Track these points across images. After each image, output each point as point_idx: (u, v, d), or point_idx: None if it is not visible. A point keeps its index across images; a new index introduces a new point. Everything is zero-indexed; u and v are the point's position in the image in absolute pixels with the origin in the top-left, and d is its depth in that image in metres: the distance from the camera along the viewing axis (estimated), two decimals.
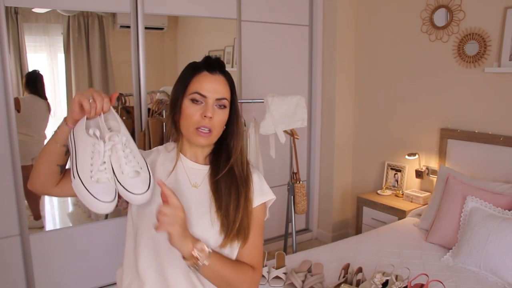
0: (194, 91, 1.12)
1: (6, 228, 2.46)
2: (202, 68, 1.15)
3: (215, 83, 1.14)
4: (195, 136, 1.14)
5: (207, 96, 1.12)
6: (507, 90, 2.60)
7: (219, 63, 1.17)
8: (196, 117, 1.12)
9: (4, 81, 2.33)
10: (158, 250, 1.13)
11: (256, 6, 3.21)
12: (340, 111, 3.57)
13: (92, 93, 1.02)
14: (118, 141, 1.02)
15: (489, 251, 2.06)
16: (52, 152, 1.08)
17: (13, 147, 2.39)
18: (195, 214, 1.14)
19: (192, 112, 1.12)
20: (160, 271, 1.13)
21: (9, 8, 2.36)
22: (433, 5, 2.92)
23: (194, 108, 1.12)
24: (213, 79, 1.14)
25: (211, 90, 1.13)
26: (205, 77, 1.14)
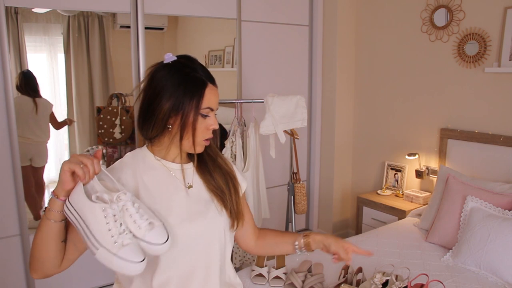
0: (207, 107, 1.14)
1: (6, 228, 2.46)
2: (206, 82, 1.15)
3: (217, 96, 1.18)
4: (200, 147, 1.18)
5: (214, 109, 1.16)
6: (507, 90, 2.60)
7: (207, 71, 1.19)
8: (205, 130, 1.16)
9: (4, 81, 2.33)
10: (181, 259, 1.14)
11: (256, 6, 3.21)
12: (340, 111, 3.57)
13: (80, 158, 0.98)
14: (127, 199, 1.00)
15: (489, 251, 2.06)
16: (52, 233, 1.02)
17: (13, 147, 2.39)
18: (203, 209, 1.18)
19: (205, 126, 1.15)
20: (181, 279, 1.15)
21: (9, 8, 2.36)
22: (433, 5, 2.92)
23: (205, 122, 1.15)
24: (215, 92, 1.17)
25: (216, 103, 1.17)
26: (212, 90, 1.15)
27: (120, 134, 2.77)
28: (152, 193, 1.13)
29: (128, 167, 1.16)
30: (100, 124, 2.76)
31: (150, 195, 1.13)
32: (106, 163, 2.90)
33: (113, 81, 2.94)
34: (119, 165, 1.17)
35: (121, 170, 1.15)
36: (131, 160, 1.18)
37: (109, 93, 2.92)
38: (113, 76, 2.93)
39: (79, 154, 1.00)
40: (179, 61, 1.15)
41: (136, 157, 1.19)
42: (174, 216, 1.13)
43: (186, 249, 1.13)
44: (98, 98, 2.92)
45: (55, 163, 2.89)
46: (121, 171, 1.14)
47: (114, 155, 2.89)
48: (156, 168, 1.17)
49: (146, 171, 1.16)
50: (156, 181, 1.15)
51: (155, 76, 1.14)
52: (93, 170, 0.99)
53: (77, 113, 2.88)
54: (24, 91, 2.54)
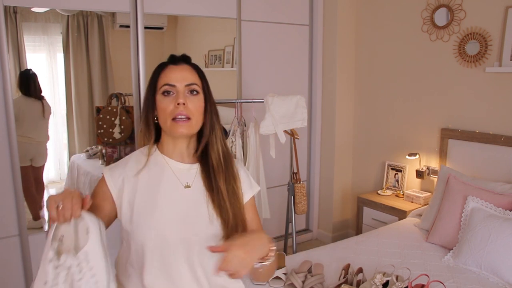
0: (163, 84, 1.14)
1: (5, 229, 2.45)
2: (167, 63, 1.18)
3: (182, 72, 1.16)
4: (175, 127, 1.13)
5: (175, 84, 1.14)
6: (508, 89, 2.59)
7: (183, 56, 1.21)
8: (170, 107, 1.13)
9: (3, 81, 2.32)
10: (165, 258, 1.15)
11: (256, 6, 3.20)
12: (340, 111, 3.56)
13: (63, 198, 0.96)
14: (73, 265, 0.97)
15: (490, 252, 2.06)
16: None
17: (12, 147, 2.39)
18: (193, 213, 1.17)
19: (166, 104, 1.13)
20: (168, 278, 1.15)
21: (8, 8, 2.35)
22: (434, 5, 2.92)
23: (167, 100, 1.14)
24: (179, 69, 1.16)
25: (178, 78, 1.15)
26: (171, 69, 1.16)
27: (119, 134, 2.77)
28: (148, 189, 1.17)
29: (133, 161, 1.21)
30: (100, 124, 2.75)
31: (146, 191, 1.17)
32: (106, 163, 2.89)
33: (113, 81, 2.93)
34: (124, 161, 1.23)
35: (123, 166, 1.20)
36: (139, 154, 1.23)
37: (108, 93, 2.91)
38: (113, 76, 2.93)
39: (68, 194, 0.97)
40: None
41: (144, 152, 1.23)
42: (159, 214, 1.15)
43: (169, 249, 1.14)
44: (98, 98, 2.91)
45: (54, 163, 2.88)
46: (124, 167, 1.20)
47: (114, 155, 2.88)
48: (159, 165, 1.20)
49: (149, 167, 1.19)
50: (155, 178, 1.18)
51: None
52: (69, 215, 0.96)
53: (77, 113, 2.88)
54: (30, 93, 2.56)
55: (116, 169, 1.20)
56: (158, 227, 1.14)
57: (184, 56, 1.22)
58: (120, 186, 1.17)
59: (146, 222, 1.15)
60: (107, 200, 1.19)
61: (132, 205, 1.16)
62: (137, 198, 1.16)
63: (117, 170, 1.20)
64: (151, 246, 1.14)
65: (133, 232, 1.16)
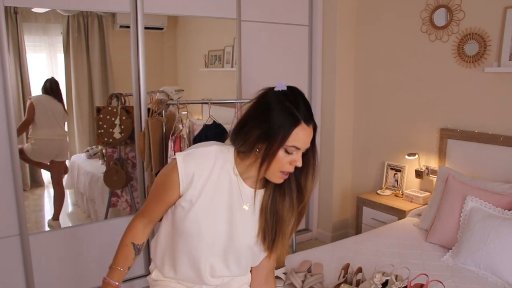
0: (292, 145, 1.15)
1: (6, 228, 2.46)
2: (299, 120, 1.16)
3: (309, 136, 1.18)
4: (276, 177, 1.19)
5: (301, 148, 1.17)
6: (507, 90, 2.60)
7: (308, 108, 1.19)
8: (285, 164, 1.17)
9: (3, 81, 2.33)
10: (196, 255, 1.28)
11: (256, 6, 3.21)
12: (340, 111, 3.57)
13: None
14: None
15: (489, 251, 2.06)
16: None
17: (12, 147, 2.39)
18: (242, 232, 1.26)
19: (283, 160, 1.17)
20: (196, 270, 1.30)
21: (8, 8, 2.35)
22: (433, 5, 2.92)
23: (287, 157, 1.17)
24: (308, 133, 1.18)
25: (306, 142, 1.18)
26: (303, 131, 1.16)
27: (119, 134, 2.77)
28: (211, 197, 1.23)
29: (211, 161, 1.23)
30: (100, 124, 2.76)
31: (209, 198, 1.23)
32: (106, 163, 2.90)
33: (113, 81, 2.94)
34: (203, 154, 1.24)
35: (199, 159, 1.22)
36: (217, 155, 1.24)
37: (108, 93, 2.92)
38: (113, 76, 2.93)
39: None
40: (285, 92, 1.20)
41: (222, 155, 1.24)
42: (210, 223, 1.24)
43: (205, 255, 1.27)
44: (98, 98, 2.92)
45: None
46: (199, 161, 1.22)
47: (114, 155, 2.89)
48: (230, 177, 1.24)
49: (221, 174, 1.23)
50: (222, 189, 1.23)
51: (261, 99, 1.20)
52: None
53: (77, 113, 2.88)
54: (52, 93, 2.72)
55: (192, 159, 1.22)
56: (205, 233, 1.24)
57: (310, 110, 1.21)
58: (190, 179, 1.21)
59: (197, 224, 1.23)
60: (174, 188, 1.23)
61: (194, 203, 1.22)
62: (200, 200, 1.22)
63: (192, 162, 1.22)
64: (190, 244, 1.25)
65: (181, 224, 1.24)
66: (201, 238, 1.23)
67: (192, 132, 2.67)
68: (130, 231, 1.33)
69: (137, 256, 1.34)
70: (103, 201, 2.93)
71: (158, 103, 2.63)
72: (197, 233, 1.23)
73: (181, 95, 2.79)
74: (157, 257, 1.36)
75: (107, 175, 2.84)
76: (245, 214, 1.27)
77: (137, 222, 1.33)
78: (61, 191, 2.88)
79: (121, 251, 1.32)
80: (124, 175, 2.82)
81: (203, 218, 1.22)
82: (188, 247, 1.26)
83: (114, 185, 2.85)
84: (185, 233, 1.24)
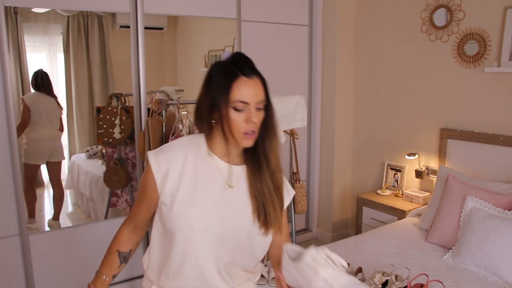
0: (237, 100, 1.14)
1: (6, 228, 2.46)
2: (237, 73, 1.15)
3: (255, 88, 1.16)
4: (242, 140, 1.17)
5: (249, 102, 1.15)
6: (507, 90, 2.60)
7: (249, 63, 1.19)
8: (242, 123, 1.15)
9: (3, 81, 2.33)
10: (193, 250, 1.19)
11: (256, 6, 3.21)
12: (340, 111, 3.57)
13: None
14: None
15: (489, 251, 2.06)
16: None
17: (12, 147, 2.39)
18: (234, 213, 1.21)
19: (237, 119, 1.15)
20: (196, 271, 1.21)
21: (8, 8, 2.35)
22: (433, 5, 2.92)
23: (238, 115, 1.15)
24: (251, 84, 1.16)
25: (252, 95, 1.15)
26: (244, 84, 1.15)
27: (119, 134, 2.77)
28: (192, 183, 1.19)
29: (183, 150, 1.21)
30: (100, 124, 2.76)
31: (189, 185, 1.19)
32: (106, 163, 2.90)
33: (113, 81, 2.94)
34: (173, 146, 1.23)
35: (170, 152, 1.21)
36: (188, 144, 1.23)
37: (108, 93, 2.92)
38: (113, 76, 2.93)
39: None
40: (227, 60, 1.18)
41: (193, 142, 1.23)
42: (199, 209, 1.18)
43: (199, 243, 1.18)
44: (98, 98, 2.92)
45: None
46: (170, 153, 1.21)
47: (114, 155, 2.88)
48: (205, 160, 1.21)
49: (196, 160, 1.21)
50: (201, 173, 1.20)
51: (206, 74, 1.20)
52: None
53: (77, 113, 2.88)
54: (42, 89, 2.65)
55: (163, 154, 1.21)
56: (195, 224, 1.17)
57: (251, 64, 1.20)
58: (165, 173, 1.19)
59: (185, 215, 1.18)
60: (151, 187, 1.21)
61: (175, 196, 1.18)
62: (181, 190, 1.18)
63: (164, 155, 1.21)
64: (183, 237, 1.18)
65: (169, 222, 1.20)
66: (194, 230, 1.17)
67: (192, 132, 2.67)
68: (116, 238, 1.32)
69: (124, 264, 1.32)
70: (103, 201, 2.92)
71: (158, 103, 2.63)
72: (188, 225, 1.17)
73: (181, 95, 2.79)
74: (152, 270, 1.29)
75: (107, 175, 2.84)
76: (234, 194, 1.22)
77: (123, 228, 1.32)
78: (60, 191, 2.87)
79: (106, 259, 1.31)
80: (124, 175, 2.82)
81: (189, 207, 1.18)
82: (183, 244, 1.18)
83: (114, 185, 2.85)
84: (176, 231, 1.18)
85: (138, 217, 1.28)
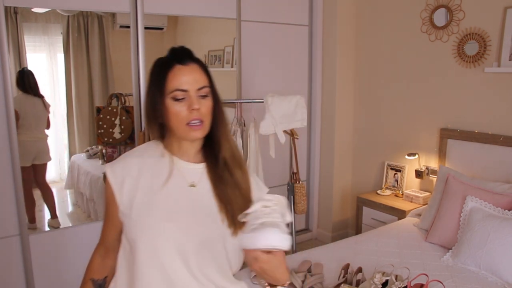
0: (174, 89, 1.08)
1: (6, 228, 2.46)
2: (172, 62, 1.10)
3: (192, 74, 1.10)
4: (189, 132, 1.10)
5: (188, 89, 1.09)
6: (507, 90, 2.60)
7: (186, 52, 1.13)
8: (184, 113, 1.08)
9: (3, 81, 2.33)
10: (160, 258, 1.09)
11: (256, 6, 3.21)
12: (340, 111, 3.57)
13: None
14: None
15: (489, 251, 2.06)
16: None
17: (12, 147, 2.39)
18: (199, 213, 1.13)
19: (178, 110, 1.09)
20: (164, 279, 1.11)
21: (8, 8, 2.35)
22: (433, 5, 2.92)
23: (179, 105, 1.09)
24: (188, 70, 1.09)
25: (190, 81, 1.09)
26: (180, 71, 1.09)
27: (119, 134, 2.77)
28: (150, 186, 1.13)
29: (138, 156, 1.17)
30: (100, 124, 2.76)
31: (148, 189, 1.13)
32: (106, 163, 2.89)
33: (113, 81, 2.94)
34: (129, 153, 1.19)
35: (124, 160, 1.16)
36: (144, 149, 1.19)
37: (108, 93, 2.92)
38: (113, 76, 2.93)
39: None
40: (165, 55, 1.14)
41: (149, 146, 1.19)
42: (161, 212, 1.11)
43: (166, 249, 1.09)
44: (98, 98, 2.92)
45: (55, 163, 2.88)
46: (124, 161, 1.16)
47: (114, 155, 2.89)
48: (163, 162, 1.15)
49: (153, 163, 1.15)
50: (159, 175, 1.14)
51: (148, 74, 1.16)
52: None
53: (77, 113, 2.88)
54: (28, 90, 2.57)
55: (118, 164, 1.16)
56: (157, 226, 1.09)
57: (188, 52, 1.14)
58: (121, 182, 1.13)
59: (145, 220, 1.10)
60: (112, 200, 1.15)
61: (132, 202, 1.12)
62: (138, 195, 1.12)
63: (119, 164, 1.16)
64: (146, 245, 1.09)
65: (130, 232, 1.12)
66: (156, 234, 1.09)
67: None
68: (88, 266, 1.24)
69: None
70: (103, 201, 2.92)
71: None
72: (149, 230, 1.09)
73: None
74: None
75: None
76: (197, 194, 1.15)
77: (94, 254, 1.25)
78: (47, 190, 2.80)
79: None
80: None
81: (148, 211, 1.10)
82: (148, 252, 1.09)
83: None
84: (138, 238, 1.09)
85: (106, 238, 1.21)
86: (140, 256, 1.09)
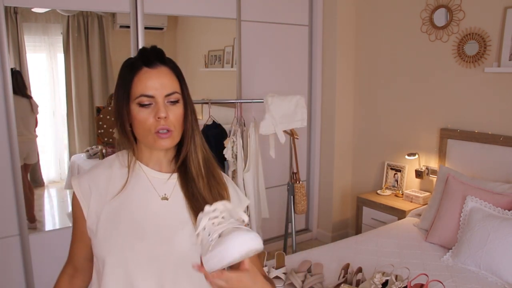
0: (139, 94, 0.99)
1: (6, 228, 2.46)
2: (139, 64, 1.01)
3: (160, 78, 1.00)
4: (156, 141, 1.00)
5: (154, 95, 0.99)
6: (507, 90, 2.60)
7: (156, 53, 1.03)
8: (150, 121, 0.99)
9: (3, 81, 2.33)
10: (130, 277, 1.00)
11: (256, 6, 3.21)
12: (340, 111, 3.57)
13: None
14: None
15: (489, 251, 2.06)
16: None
17: (12, 147, 2.39)
18: (173, 228, 1.03)
19: (144, 117, 0.99)
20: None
21: (8, 8, 2.35)
22: (433, 5, 2.92)
23: (145, 112, 0.99)
24: (156, 74, 1.00)
25: (157, 87, 0.99)
26: (146, 74, 0.99)
27: None
28: (119, 199, 1.04)
29: (106, 168, 1.08)
30: (100, 124, 2.76)
31: (116, 201, 1.04)
32: None
33: (113, 81, 2.94)
34: (96, 165, 1.10)
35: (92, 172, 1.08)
36: (113, 159, 1.10)
37: (108, 93, 2.92)
38: (113, 76, 2.93)
39: None
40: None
41: (118, 157, 1.10)
42: (129, 227, 1.02)
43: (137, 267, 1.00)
44: (98, 98, 2.92)
45: (55, 163, 2.89)
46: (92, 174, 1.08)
47: None
48: (134, 172, 1.07)
49: (123, 174, 1.06)
50: (129, 187, 1.05)
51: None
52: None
53: (77, 113, 2.88)
54: (18, 91, 2.51)
55: (85, 176, 1.07)
56: (126, 242, 1.00)
57: (158, 53, 1.03)
58: (87, 195, 1.05)
59: (112, 237, 1.01)
60: (79, 213, 1.06)
61: (99, 217, 1.03)
62: (106, 208, 1.03)
63: (85, 176, 1.07)
64: (114, 263, 1.00)
65: (97, 247, 1.03)
66: (124, 251, 0.99)
67: None
68: (55, 287, 1.14)
69: None
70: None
71: None
72: (117, 247, 0.99)
73: None
74: None
75: None
76: (170, 206, 1.05)
77: (61, 274, 1.16)
78: (30, 189, 2.78)
79: None
80: None
81: (115, 227, 1.01)
82: (117, 272, 0.99)
83: None
84: (106, 256, 0.99)
85: (75, 256, 1.12)
86: (109, 276, 1.00)
